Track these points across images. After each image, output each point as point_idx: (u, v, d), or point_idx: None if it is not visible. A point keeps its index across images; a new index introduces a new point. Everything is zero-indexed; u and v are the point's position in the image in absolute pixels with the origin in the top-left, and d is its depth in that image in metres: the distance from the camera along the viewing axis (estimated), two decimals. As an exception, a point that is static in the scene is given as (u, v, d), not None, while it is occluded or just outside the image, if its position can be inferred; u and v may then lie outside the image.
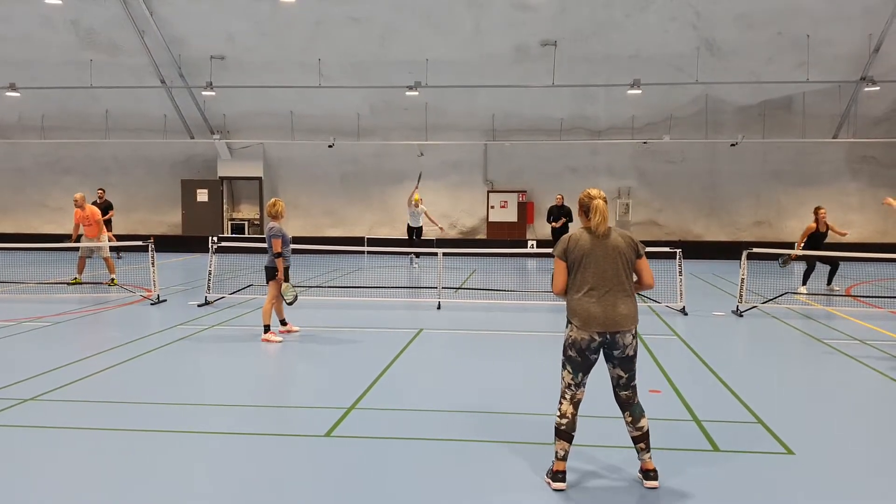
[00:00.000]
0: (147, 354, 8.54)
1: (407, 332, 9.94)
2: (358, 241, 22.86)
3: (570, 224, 19.59)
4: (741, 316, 11.62)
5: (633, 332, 4.86)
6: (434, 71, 21.52)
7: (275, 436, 5.75)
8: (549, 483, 4.81)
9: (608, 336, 4.77)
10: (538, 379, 7.70)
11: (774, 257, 14.73)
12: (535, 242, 20.04)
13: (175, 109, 23.68)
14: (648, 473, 4.83)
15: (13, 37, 22.05)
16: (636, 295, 4.98)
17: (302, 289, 14.09)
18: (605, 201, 5.06)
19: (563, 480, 4.78)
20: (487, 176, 24.72)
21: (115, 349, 8.77)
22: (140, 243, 13.51)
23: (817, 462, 5.24)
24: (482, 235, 24.66)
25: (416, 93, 21.52)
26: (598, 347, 4.83)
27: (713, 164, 23.93)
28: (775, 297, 12.66)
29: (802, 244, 14.29)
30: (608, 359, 4.92)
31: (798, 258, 14.25)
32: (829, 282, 14.54)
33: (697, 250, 21.55)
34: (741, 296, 11.92)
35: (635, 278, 5.03)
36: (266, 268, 9.55)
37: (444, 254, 13.73)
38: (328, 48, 21.75)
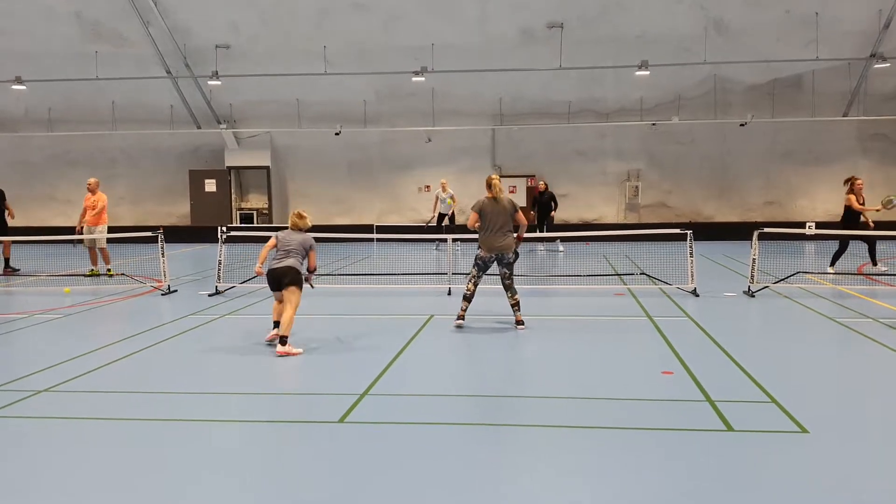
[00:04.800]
0: (159, 344, 8.56)
1: (418, 318, 9.94)
2: (367, 228, 22.85)
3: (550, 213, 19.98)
4: (753, 296, 11.56)
5: (511, 253, 9.08)
6: (440, 56, 21.40)
7: (289, 422, 5.76)
8: (457, 325, 9.14)
9: (495, 255, 9.06)
10: (549, 362, 7.69)
11: (786, 237, 14.60)
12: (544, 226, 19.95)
13: (181, 100, 23.66)
14: (518, 322, 9.14)
15: (17, 30, 22.03)
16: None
17: (312, 277, 14.09)
18: (500, 179, 9.23)
19: (463, 319, 9.16)
20: (496, 161, 24.63)
21: (127, 339, 8.80)
22: (149, 234, 13.53)
23: (832, 440, 5.21)
24: (491, 220, 24.58)
25: (422, 78, 21.42)
26: (492, 260, 9.10)
27: (723, 145, 23.77)
28: (787, 277, 12.59)
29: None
30: (499, 264, 9.10)
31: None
32: (874, 261, 14.01)
33: (708, 231, 21.42)
34: (752, 276, 11.85)
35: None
36: (297, 271, 8.47)
37: (454, 240, 13.74)
38: (333, 35, 21.66)
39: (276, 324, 8.60)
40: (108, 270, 14.50)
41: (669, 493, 4.40)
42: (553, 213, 19.95)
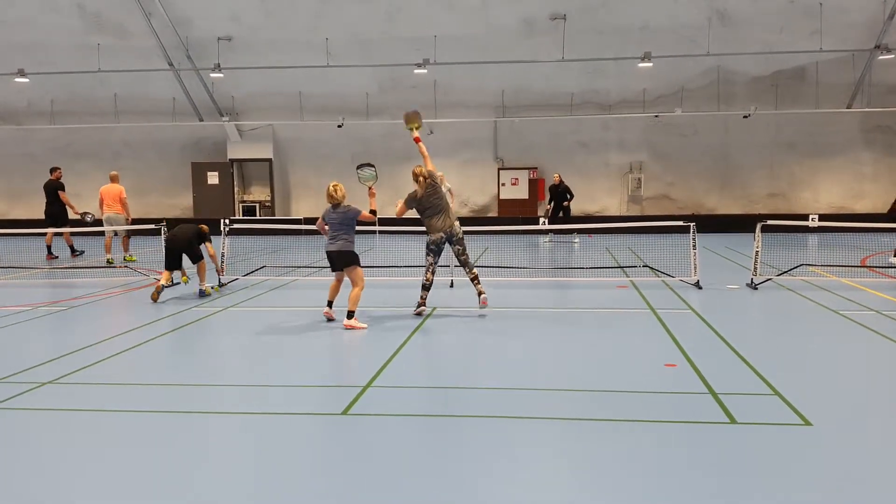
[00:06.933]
0: (163, 336, 8.58)
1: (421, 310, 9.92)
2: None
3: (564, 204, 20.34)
4: (756, 289, 11.55)
5: (458, 228, 9.56)
6: (442, 48, 21.36)
7: (292, 415, 5.77)
8: (417, 314, 9.48)
9: (444, 234, 9.49)
10: (552, 355, 7.69)
11: (789, 229, 14.57)
12: (546, 219, 19.94)
13: (184, 92, 23.64)
14: (480, 294, 9.48)
15: (19, 22, 22.05)
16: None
17: (314, 269, 14.14)
18: (424, 176, 9.59)
19: (424, 307, 9.49)
20: (498, 153, 24.61)
21: (131, 332, 8.82)
22: (153, 226, 13.55)
23: (835, 433, 5.21)
24: (493, 213, 24.60)
25: (425, 70, 21.38)
26: (443, 241, 9.54)
27: (726, 137, 23.73)
28: (790, 270, 12.57)
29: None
30: (450, 243, 9.60)
31: None
32: None
33: (710, 224, 21.41)
34: (756, 268, 11.84)
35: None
36: (348, 252, 9.28)
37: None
38: (335, 27, 21.63)
39: (330, 303, 9.38)
40: (109, 260, 15.47)
41: (672, 485, 4.40)
42: (566, 203, 20.18)
